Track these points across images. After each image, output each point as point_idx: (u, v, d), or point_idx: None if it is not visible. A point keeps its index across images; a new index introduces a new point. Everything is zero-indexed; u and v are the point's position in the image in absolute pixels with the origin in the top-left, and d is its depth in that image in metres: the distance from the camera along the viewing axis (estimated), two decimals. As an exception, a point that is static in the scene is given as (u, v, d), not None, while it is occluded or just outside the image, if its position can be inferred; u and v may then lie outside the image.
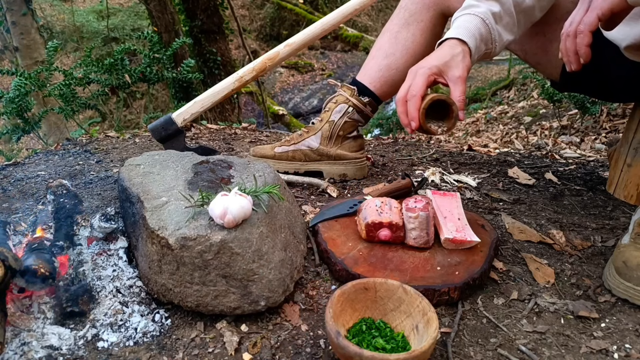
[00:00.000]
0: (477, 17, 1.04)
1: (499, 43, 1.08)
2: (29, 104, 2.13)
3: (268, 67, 1.52)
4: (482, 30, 1.04)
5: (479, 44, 1.04)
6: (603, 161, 1.82)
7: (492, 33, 1.05)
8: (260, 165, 1.11)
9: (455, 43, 1.03)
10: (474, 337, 0.87)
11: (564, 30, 0.89)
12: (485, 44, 1.06)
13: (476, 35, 1.04)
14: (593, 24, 0.84)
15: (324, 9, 9.79)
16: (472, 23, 1.04)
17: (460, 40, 1.03)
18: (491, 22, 1.04)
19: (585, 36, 0.85)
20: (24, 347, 0.79)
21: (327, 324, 0.75)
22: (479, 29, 1.04)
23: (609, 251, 1.13)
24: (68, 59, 8.71)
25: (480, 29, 1.04)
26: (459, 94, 1.00)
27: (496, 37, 1.06)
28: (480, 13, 1.04)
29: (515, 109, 4.31)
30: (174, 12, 4.29)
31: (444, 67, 1.01)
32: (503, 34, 1.07)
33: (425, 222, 1.00)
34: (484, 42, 1.06)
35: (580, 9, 0.87)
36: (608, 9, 0.82)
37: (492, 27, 1.05)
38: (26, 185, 1.43)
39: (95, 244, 1.02)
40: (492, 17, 1.04)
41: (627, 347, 0.85)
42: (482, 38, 1.04)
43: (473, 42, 1.03)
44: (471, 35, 1.03)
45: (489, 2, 1.05)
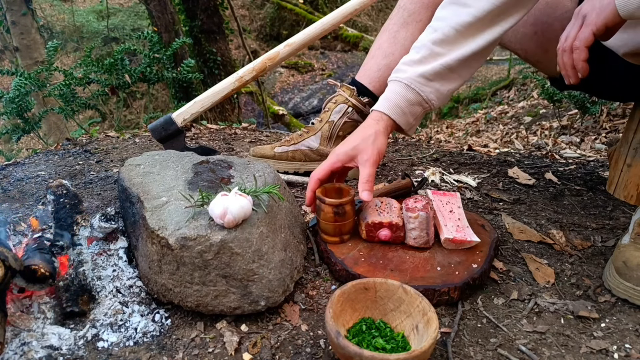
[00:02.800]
0: (401, 83, 1.06)
1: (437, 98, 1.08)
2: (29, 104, 2.13)
3: (268, 67, 1.52)
4: (409, 95, 1.05)
5: (407, 110, 1.06)
6: (603, 161, 1.82)
7: (422, 94, 1.06)
8: (260, 165, 1.11)
9: (374, 119, 1.07)
10: (474, 337, 0.87)
11: (560, 45, 0.89)
12: (419, 105, 1.07)
13: (401, 104, 1.06)
14: (588, 40, 0.84)
15: (324, 9, 9.78)
16: (395, 92, 1.06)
17: (380, 112, 1.07)
18: (417, 85, 1.05)
19: (582, 52, 0.85)
20: (24, 347, 0.79)
21: (327, 324, 0.75)
22: (404, 96, 1.05)
23: (609, 251, 1.13)
24: (68, 59, 8.71)
25: (406, 96, 1.05)
26: (364, 176, 1.02)
27: (429, 95, 1.06)
28: (405, 79, 1.05)
29: (515, 109, 4.31)
30: (174, 12, 4.29)
31: (352, 152, 1.04)
32: (441, 87, 1.07)
33: (425, 222, 1.00)
34: (416, 104, 1.07)
35: (575, 24, 0.87)
36: (602, 24, 0.82)
37: (421, 90, 1.05)
38: (26, 185, 1.43)
39: (95, 244, 1.02)
40: (420, 79, 1.05)
41: (627, 347, 0.85)
42: (410, 103, 1.06)
43: (397, 113, 1.06)
44: (394, 105, 1.06)
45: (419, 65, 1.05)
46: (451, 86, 1.09)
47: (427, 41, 1.07)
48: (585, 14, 0.85)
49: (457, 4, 1.05)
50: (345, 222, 1.02)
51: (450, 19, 1.04)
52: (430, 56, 1.05)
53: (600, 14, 0.82)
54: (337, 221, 1.01)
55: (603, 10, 0.82)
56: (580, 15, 0.86)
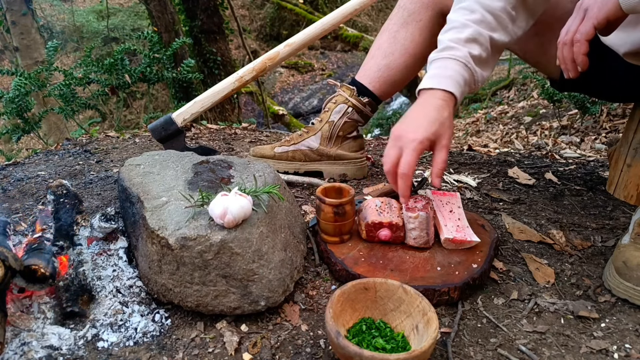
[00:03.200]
0: (458, 61, 1.02)
1: (481, 82, 1.06)
2: (29, 104, 2.13)
3: (268, 67, 1.52)
4: (466, 75, 1.03)
5: (464, 89, 1.03)
6: (603, 161, 1.82)
7: (474, 75, 1.04)
8: (260, 165, 1.11)
9: (442, 100, 1.00)
10: (474, 337, 0.87)
11: (561, 39, 0.89)
12: (469, 86, 1.05)
13: (461, 83, 1.02)
14: (589, 33, 0.83)
15: (324, 9, 9.78)
16: (454, 70, 1.02)
17: (447, 92, 1.01)
18: (472, 65, 1.03)
19: (582, 45, 0.85)
20: (24, 347, 0.79)
21: (327, 324, 0.75)
22: (462, 75, 1.02)
23: (609, 251, 1.13)
24: (68, 59, 8.71)
25: (463, 75, 1.02)
26: (440, 162, 0.98)
27: (478, 77, 1.05)
28: (461, 57, 1.02)
29: (515, 109, 4.31)
30: (174, 12, 4.29)
31: (434, 137, 0.97)
32: (484, 72, 1.06)
33: (425, 222, 1.01)
34: (468, 84, 1.04)
35: (577, 18, 0.86)
36: (604, 18, 0.82)
37: (474, 70, 1.03)
38: (26, 185, 1.43)
39: (95, 244, 1.02)
40: (473, 60, 1.03)
41: (627, 347, 0.85)
42: (466, 82, 1.03)
43: (459, 91, 1.02)
44: (456, 84, 1.02)
45: (467, 44, 1.03)
46: (487, 73, 1.07)
47: (466, 20, 1.04)
48: (587, 7, 0.84)
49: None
50: (345, 222, 1.02)
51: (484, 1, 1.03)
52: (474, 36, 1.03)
53: (602, 7, 0.81)
54: (337, 221, 1.02)
55: (605, 3, 0.81)
56: (581, 9, 0.86)
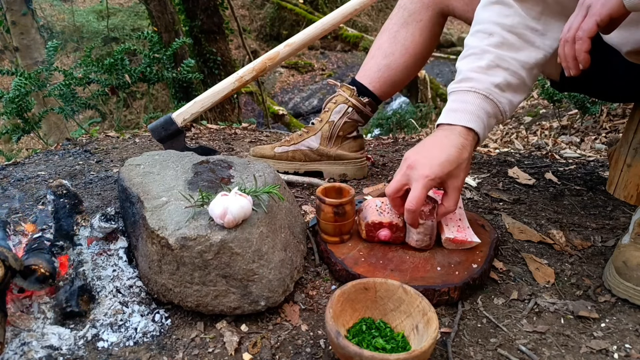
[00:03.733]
0: (478, 94, 0.96)
1: (510, 109, 0.99)
2: (29, 104, 2.13)
3: (268, 67, 1.52)
4: (488, 108, 0.97)
5: (487, 122, 0.97)
6: (603, 161, 1.82)
7: (499, 106, 0.97)
8: (260, 165, 1.11)
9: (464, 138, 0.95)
10: (474, 337, 0.87)
11: (562, 36, 0.88)
12: (495, 118, 0.98)
13: (483, 118, 0.96)
14: (592, 31, 0.83)
15: (324, 9, 9.79)
16: (475, 104, 0.96)
17: (469, 130, 0.95)
18: (495, 96, 0.96)
19: (584, 43, 0.84)
20: (24, 347, 0.79)
21: (327, 324, 0.75)
22: (484, 107, 0.96)
23: (609, 251, 1.13)
24: (68, 59, 8.71)
25: (485, 108, 0.96)
26: (452, 204, 0.96)
27: (505, 107, 0.98)
28: (482, 90, 0.96)
29: (515, 109, 4.31)
30: (174, 12, 4.29)
31: (446, 177, 0.93)
32: (513, 98, 0.99)
33: (430, 229, 0.99)
34: (493, 117, 0.98)
35: (579, 15, 0.86)
36: (607, 15, 0.81)
37: (498, 101, 0.97)
38: (26, 185, 1.43)
39: (95, 244, 1.02)
40: (497, 89, 0.96)
41: (627, 347, 0.85)
42: (489, 115, 0.97)
43: (481, 127, 0.96)
44: (478, 119, 0.96)
45: (489, 72, 0.97)
46: (520, 97, 1.01)
47: (485, 45, 0.99)
48: (590, 4, 0.84)
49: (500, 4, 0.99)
50: (345, 222, 1.02)
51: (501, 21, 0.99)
52: (496, 62, 0.98)
53: (605, 4, 0.81)
54: (337, 221, 1.01)
55: (608, 0, 0.81)
56: (584, 6, 0.85)
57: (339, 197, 1.04)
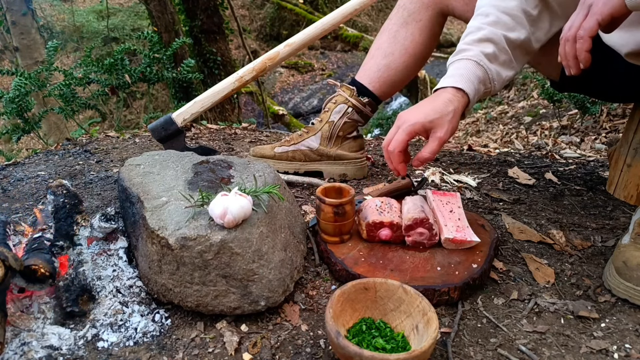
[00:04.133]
0: (470, 60, 1.05)
1: (498, 81, 1.07)
2: (29, 104, 2.13)
3: (268, 67, 1.52)
4: (478, 72, 1.04)
5: (477, 86, 1.05)
6: (603, 161, 1.82)
7: (488, 73, 1.05)
8: (260, 165, 1.11)
9: (452, 95, 1.04)
10: (474, 337, 0.87)
11: (563, 35, 0.88)
12: (483, 84, 1.06)
13: (473, 80, 1.04)
14: (593, 30, 0.83)
15: (324, 9, 9.78)
16: (466, 68, 1.05)
17: (458, 89, 1.04)
18: (485, 62, 1.05)
19: (585, 42, 0.84)
20: (24, 347, 0.79)
21: (327, 324, 0.75)
22: (475, 72, 1.04)
23: (609, 251, 1.13)
24: (68, 59, 8.71)
25: (475, 72, 1.04)
26: (428, 151, 1.02)
27: (493, 75, 1.06)
28: (473, 56, 1.05)
29: (515, 109, 4.31)
30: (174, 12, 4.29)
31: (429, 125, 1.02)
32: (501, 71, 1.07)
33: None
34: (482, 83, 1.06)
35: (580, 14, 0.86)
36: (608, 14, 0.81)
37: (488, 67, 1.05)
38: (26, 185, 1.43)
39: (95, 244, 1.02)
40: (486, 58, 1.05)
41: (627, 347, 0.85)
42: (479, 80, 1.05)
43: (471, 88, 1.04)
44: (468, 81, 1.04)
45: (480, 44, 1.05)
46: (508, 73, 1.09)
47: (480, 23, 1.07)
48: (591, 3, 0.84)
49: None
50: (345, 222, 1.02)
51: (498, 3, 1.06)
52: (488, 37, 1.05)
53: (607, 3, 0.81)
54: (337, 221, 1.02)
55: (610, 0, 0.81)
56: (585, 5, 0.85)
57: (339, 197, 1.04)
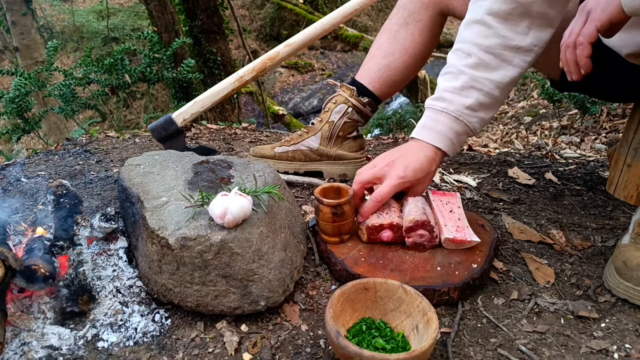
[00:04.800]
0: (450, 116, 1.05)
1: (480, 126, 1.09)
2: (29, 104, 2.13)
3: (268, 67, 1.52)
4: (458, 128, 1.06)
5: (455, 140, 1.08)
6: (603, 161, 1.82)
7: (469, 126, 1.06)
8: (260, 165, 1.11)
9: (434, 153, 1.07)
10: (474, 337, 0.87)
11: (563, 41, 0.89)
12: (465, 135, 1.09)
13: (451, 137, 1.07)
14: (592, 36, 0.84)
15: (324, 9, 9.78)
16: (445, 125, 1.06)
17: (439, 149, 1.07)
18: (466, 117, 1.05)
19: (585, 48, 0.85)
20: (24, 347, 0.79)
21: (327, 324, 0.75)
22: (454, 129, 1.06)
23: (609, 251, 1.13)
24: (68, 59, 8.71)
25: (455, 129, 1.06)
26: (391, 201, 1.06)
27: (475, 125, 1.07)
28: (453, 112, 1.05)
29: (515, 109, 4.31)
30: (174, 12, 4.29)
31: (415, 182, 1.06)
32: (485, 115, 1.08)
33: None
34: (463, 134, 1.08)
35: (579, 20, 0.86)
36: (607, 21, 0.82)
37: (468, 121, 1.06)
38: (26, 185, 1.43)
39: (95, 244, 1.02)
40: (467, 111, 1.05)
41: (627, 347, 0.85)
42: (458, 133, 1.07)
43: (449, 146, 1.07)
44: (446, 139, 1.07)
45: (462, 93, 1.04)
46: (493, 113, 1.10)
47: (462, 66, 1.05)
48: (590, 9, 0.85)
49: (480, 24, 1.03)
50: (344, 222, 1.02)
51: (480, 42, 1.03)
52: (470, 83, 1.04)
53: (605, 9, 0.82)
54: (336, 221, 1.01)
55: (608, 6, 0.81)
56: (584, 11, 0.86)
57: (337, 198, 1.04)
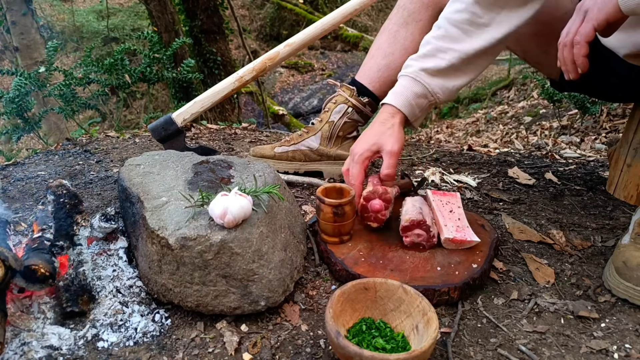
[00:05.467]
0: (408, 77, 1.12)
1: (443, 92, 1.12)
2: (29, 104, 2.13)
3: (268, 67, 1.52)
4: (415, 88, 1.11)
5: (415, 101, 1.12)
6: (603, 161, 1.82)
7: (427, 87, 1.10)
8: (260, 165, 1.11)
9: (388, 113, 1.12)
10: (474, 337, 0.87)
11: (561, 40, 0.89)
12: (424, 97, 1.12)
13: (409, 97, 1.11)
14: (589, 35, 0.84)
15: (324, 9, 9.78)
16: (404, 86, 1.12)
17: (394, 107, 1.12)
18: (423, 78, 1.10)
19: (582, 47, 0.85)
20: (24, 347, 0.79)
21: (327, 324, 0.75)
22: (411, 89, 1.11)
23: (609, 251, 1.13)
24: (68, 59, 8.71)
25: (412, 89, 1.11)
26: (386, 167, 1.09)
27: (434, 89, 1.11)
28: (411, 73, 1.11)
29: (515, 109, 4.31)
30: (174, 12, 4.29)
31: (374, 147, 1.10)
32: (446, 83, 1.11)
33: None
34: (422, 97, 1.12)
35: (577, 20, 0.87)
36: (604, 20, 0.82)
37: (426, 83, 1.10)
38: (26, 185, 1.43)
39: (95, 244, 1.02)
40: (425, 73, 1.10)
41: (627, 347, 0.85)
42: (416, 95, 1.11)
43: (406, 104, 1.11)
44: (403, 98, 1.11)
45: (423, 60, 1.11)
46: (456, 82, 1.13)
47: (430, 37, 1.13)
48: (587, 9, 0.85)
49: (458, 1, 1.09)
50: (345, 222, 1.02)
51: (450, 16, 1.10)
52: (433, 51, 1.10)
53: (602, 9, 0.82)
54: (337, 221, 1.01)
55: (605, 5, 0.82)
56: (582, 11, 0.86)
57: (339, 198, 1.04)
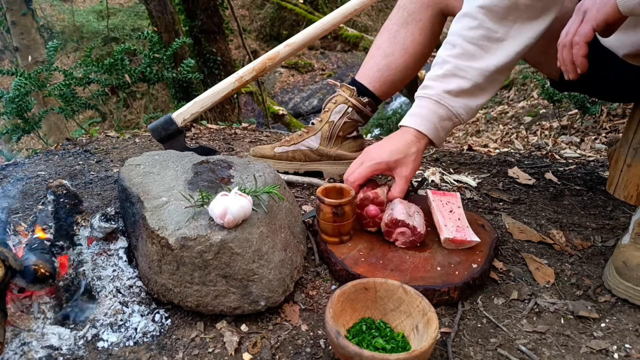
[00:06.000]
0: (431, 100, 1.08)
1: (467, 112, 1.10)
2: (29, 104, 2.12)
3: (268, 67, 1.52)
4: (440, 111, 1.08)
5: (440, 124, 1.09)
6: (603, 161, 1.82)
7: (452, 110, 1.08)
8: (260, 165, 1.11)
9: (414, 136, 1.09)
10: (474, 337, 0.87)
11: (560, 41, 0.90)
12: (449, 120, 1.09)
13: (434, 120, 1.08)
14: (588, 36, 0.84)
15: (324, 9, 9.78)
16: (427, 108, 1.09)
17: (419, 132, 1.09)
18: (447, 101, 1.07)
19: (581, 47, 0.85)
20: (24, 347, 0.79)
21: (327, 324, 0.75)
22: (436, 111, 1.08)
23: (609, 251, 1.13)
24: (68, 59, 8.71)
25: (437, 111, 1.08)
26: (398, 191, 1.09)
27: (458, 110, 1.08)
28: (434, 95, 1.08)
29: (515, 109, 4.31)
30: (174, 12, 4.29)
31: (394, 164, 1.09)
32: (469, 102, 1.09)
33: None
34: (446, 119, 1.09)
35: (576, 20, 0.87)
36: (602, 21, 0.83)
37: (450, 105, 1.07)
38: (26, 185, 1.43)
39: (95, 244, 1.02)
40: (449, 95, 1.07)
41: (627, 347, 0.85)
42: (441, 118, 1.08)
43: (431, 128, 1.09)
44: (428, 122, 1.08)
45: (444, 80, 1.07)
46: (479, 101, 1.10)
47: (446, 56, 1.08)
48: (586, 9, 0.85)
49: (469, 17, 1.06)
50: (345, 222, 1.02)
51: (464, 33, 1.06)
52: (453, 70, 1.07)
53: (601, 9, 0.82)
54: (336, 221, 1.01)
55: (604, 6, 0.82)
56: (581, 11, 0.87)
57: (339, 198, 1.04)
